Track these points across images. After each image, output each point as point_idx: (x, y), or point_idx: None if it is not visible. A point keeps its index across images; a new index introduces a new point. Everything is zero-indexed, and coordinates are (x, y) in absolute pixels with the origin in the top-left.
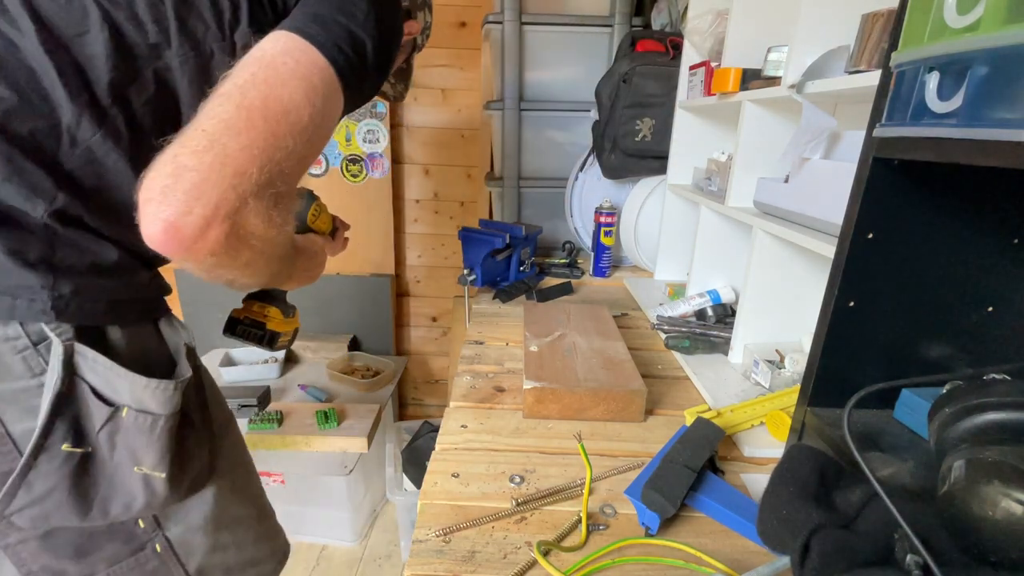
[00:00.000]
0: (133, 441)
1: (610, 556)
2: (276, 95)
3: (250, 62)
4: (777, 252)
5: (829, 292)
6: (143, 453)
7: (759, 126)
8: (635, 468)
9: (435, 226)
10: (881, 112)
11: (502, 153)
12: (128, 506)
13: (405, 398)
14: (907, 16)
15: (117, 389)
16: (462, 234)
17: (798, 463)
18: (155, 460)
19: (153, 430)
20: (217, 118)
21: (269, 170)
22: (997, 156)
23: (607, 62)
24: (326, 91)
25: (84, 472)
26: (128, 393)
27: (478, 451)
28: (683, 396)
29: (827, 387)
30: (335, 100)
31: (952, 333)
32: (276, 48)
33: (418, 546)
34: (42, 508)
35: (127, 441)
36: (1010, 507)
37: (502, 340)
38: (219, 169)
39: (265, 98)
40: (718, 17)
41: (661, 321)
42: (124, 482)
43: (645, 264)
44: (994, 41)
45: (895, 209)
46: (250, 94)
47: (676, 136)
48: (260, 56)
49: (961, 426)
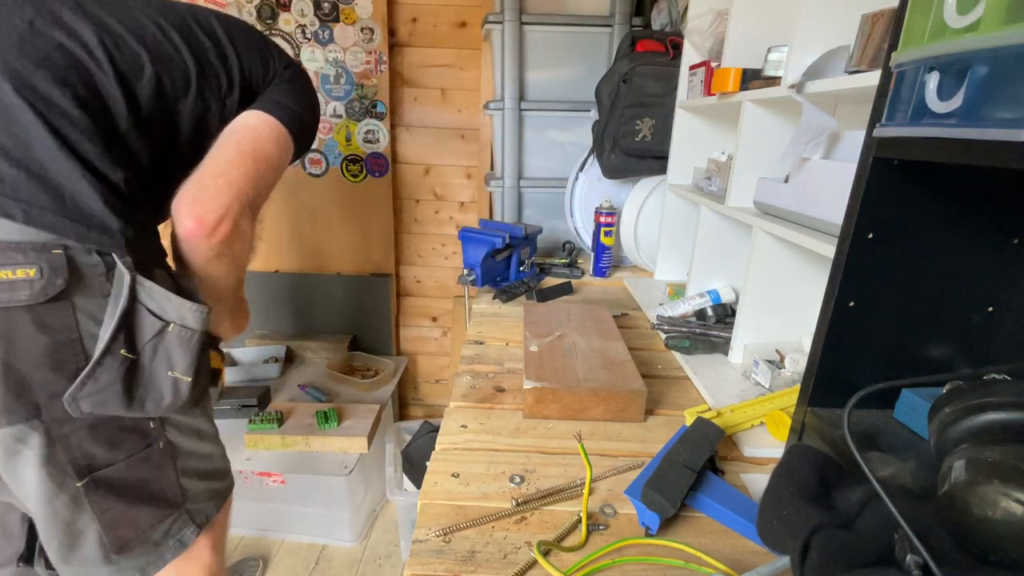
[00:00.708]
0: (172, 350)
1: (610, 556)
2: (261, 147)
3: (240, 127)
4: (777, 252)
5: (829, 292)
6: (177, 359)
7: (759, 126)
8: (635, 468)
9: (435, 226)
10: (881, 112)
11: (502, 153)
12: (158, 403)
13: (405, 398)
14: (907, 16)
15: (166, 310)
16: (462, 234)
17: (798, 463)
18: (186, 366)
19: (190, 342)
20: (224, 158)
21: (255, 191)
22: (997, 156)
23: (607, 62)
24: (286, 147)
25: (132, 373)
26: (175, 313)
27: (478, 451)
28: (683, 396)
29: (827, 387)
30: (289, 152)
31: (952, 333)
32: (256, 120)
33: (418, 546)
34: (102, 396)
35: (167, 350)
36: (1010, 507)
37: (502, 340)
38: (227, 187)
39: (254, 148)
40: (718, 17)
41: (661, 321)
42: (159, 383)
43: (645, 264)
44: (994, 41)
45: (895, 209)
46: (244, 144)
47: (676, 136)
48: (246, 123)
49: (961, 426)
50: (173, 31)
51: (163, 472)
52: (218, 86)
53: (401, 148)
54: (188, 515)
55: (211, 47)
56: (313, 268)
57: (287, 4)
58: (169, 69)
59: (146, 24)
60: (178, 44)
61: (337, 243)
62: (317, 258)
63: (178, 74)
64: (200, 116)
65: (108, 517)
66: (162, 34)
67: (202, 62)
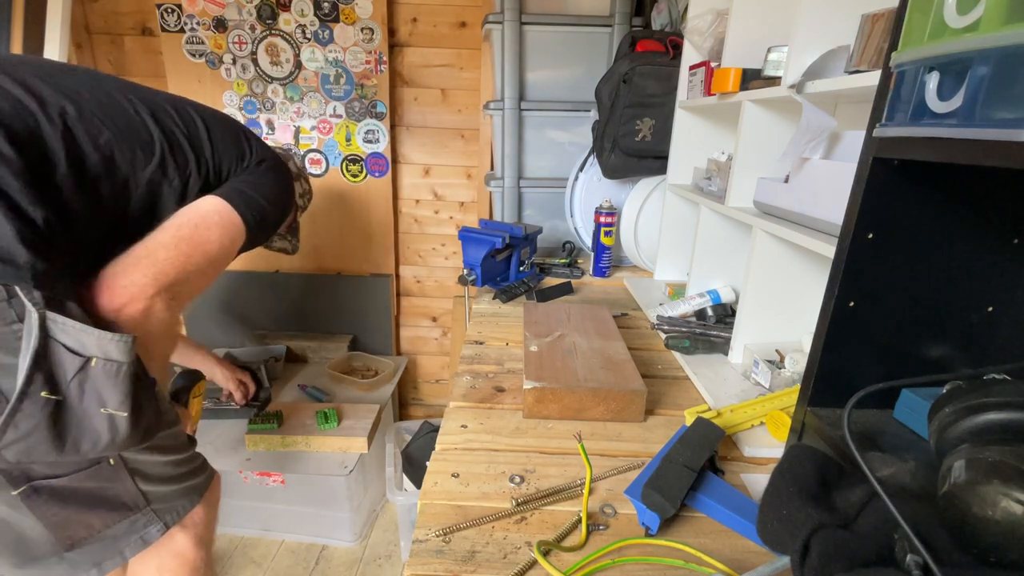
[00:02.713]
0: (101, 386)
1: (610, 556)
2: (201, 234)
3: (191, 210)
4: (777, 252)
5: (829, 292)
6: (108, 395)
7: (759, 126)
8: (635, 468)
9: (435, 226)
10: (881, 112)
11: (502, 153)
12: (95, 443)
13: (405, 398)
14: (907, 16)
15: (85, 344)
16: (462, 234)
17: (798, 463)
18: (119, 401)
19: (118, 375)
20: (157, 240)
21: (180, 277)
22: (997, 156)
23: (607, 62)
24: (234, 236)
25: (59, 415)
26: (96, 346)
27: (478, 451)
28: (683, 396)
29: (827, 387)
30: (238, 242)
31: (952, 333)
32: (209, 206)
33: (418, 546)
34: (27, 444)
35: (95, 386)
36: (1010, 507)
37: (502, 340)
38: (149, 268)
39: (192, 235)
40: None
41: (661, 321)
42: (92, 423)
43: (645, 264)
44: (994, 41)
45: (895, 209)
46: (183, 230)
47: (676, 136)
48: (197, 208)
49: (961, 426)
50: (144, 108)
51: (117, 482)
52: (183, 164)
53: (401, 148)
54: (155, 514)
55: (182, 129)
56: (313, 268)
57: (287, 4)
58: (131, 139)
59: (118, 100)
60: (147, 120)
61: (337, 243)
62: (317, 258)
63: (141, 144)
64: (155, 188)
65: (54, 520)
66: (132, 109)
67: (170, 140)
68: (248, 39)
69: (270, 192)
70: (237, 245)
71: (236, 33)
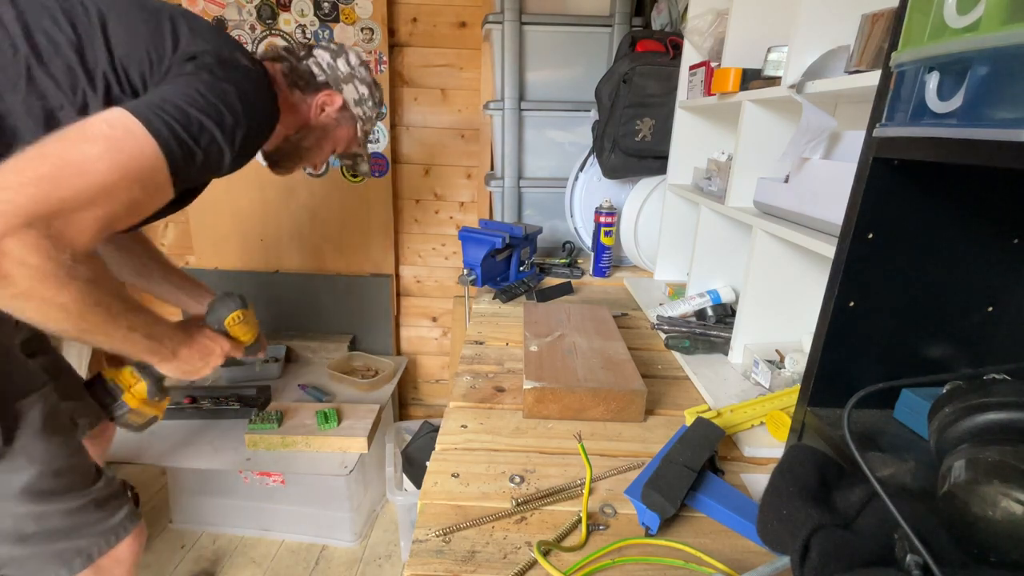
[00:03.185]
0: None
1: (610, 556)
2: (74, 150)
3: (68, 127)
4: (777, 252)
5: (829, 292)
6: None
7: (759, 126)
8: (635, 468)
9: (435, 226)
10: (881, 112)
11: (502, 153)
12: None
13: (405, 398)
14: (907, 16)
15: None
16: (462, 234)
17: (798, 463)
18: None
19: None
20: (6, 165)
21: (44, 209)
22: (997, 156)
23: (607, 62)
24: (135, 153)
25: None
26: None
27: (478, 451)
28: (683, 396)
29: (827, 387)
30: (150, 162)
31: (952, 333)
32: (95, 118)
33: (418, 546)
34: None
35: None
36: (1010, 507)
37: (502, 340)
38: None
39: (61, 152)
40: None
41: (661, 321)
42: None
43: (645, 264)
44: (994, 41)
45: (895, 209)
46: (48, 147)
47: (676, 136)
48: (79, 123)
49: (961, 426)
50: (11, 13)
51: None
52: (71, 83)
53: (401, 148)
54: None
55: (67, 36)
56: (313, 268)
57: (287, 4)
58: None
59: None
60: (12, 30)
61: (337, 243)
62: (317, 258)
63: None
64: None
65: None
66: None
67: (41, 54)
68: (248, 39)
69: (205, 98)
70: (150, 165)
71: (236, 33)
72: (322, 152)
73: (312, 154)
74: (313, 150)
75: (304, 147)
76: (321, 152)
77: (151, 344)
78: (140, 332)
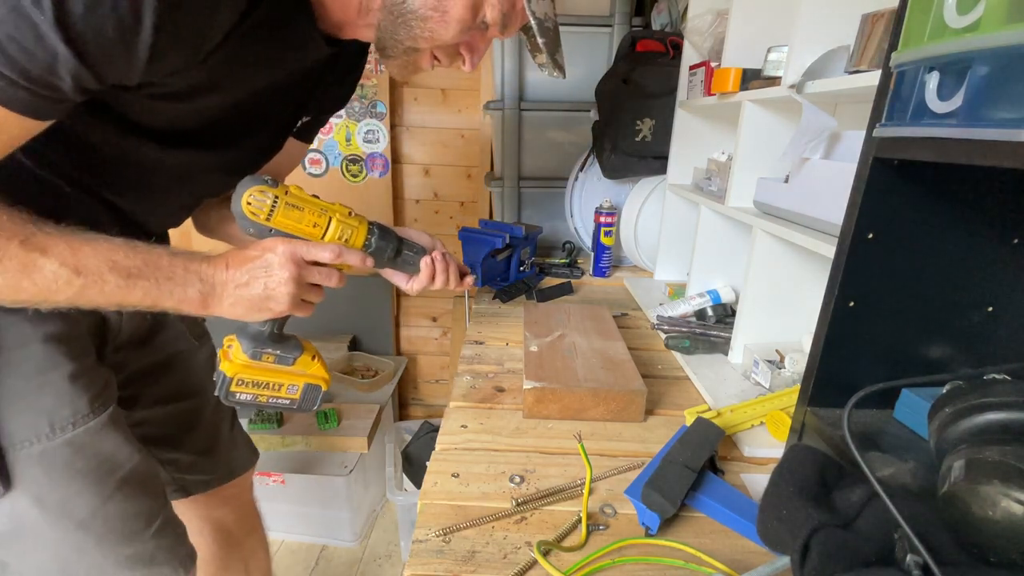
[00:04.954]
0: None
1: (610, 556)
2: None
3: None
4: (777, 252)
5: (829, 292)
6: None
7: (759, 126)
8: (635, 468)
9: (435, 226)
10: (881, 112)
11: (502, 153)
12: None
13: (405, 398)
14: (907, 16)
15: None
16: (462, 234)
17: (798, 463)
18: None
19: None
20: None
21: None
22: (997, 156)
23: (607, 62)
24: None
25: None
26: None
27: (478, 451)
28: (683, 396)
29: (827, 387)
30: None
31: (952, 333)
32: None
33: (418, 546)
34: None
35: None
36: (1010, 507)
37: (502, 340)
38: None
39: None
40: (718, 17)
41: (661, 321)
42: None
43: (645, 264)
44: (994, 41)
45: (895, 209)
46: None
47: (676, 136)
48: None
49: (961, 426)
50: None
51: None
52: None
53: (401, 148)
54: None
55: None
56: None
57: None
58: None
59: None
60: None
61: None
62: None
63: None
64: None
65: None
66: None
67: None
68: None
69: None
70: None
71: None
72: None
73: (426, 20)
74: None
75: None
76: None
77: (164, 286)
78: (120, 276)
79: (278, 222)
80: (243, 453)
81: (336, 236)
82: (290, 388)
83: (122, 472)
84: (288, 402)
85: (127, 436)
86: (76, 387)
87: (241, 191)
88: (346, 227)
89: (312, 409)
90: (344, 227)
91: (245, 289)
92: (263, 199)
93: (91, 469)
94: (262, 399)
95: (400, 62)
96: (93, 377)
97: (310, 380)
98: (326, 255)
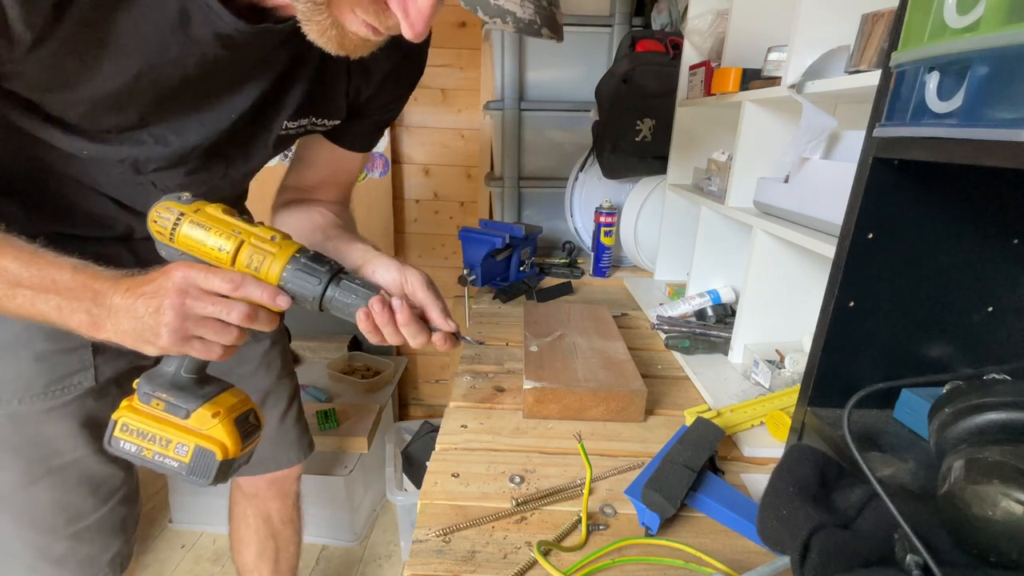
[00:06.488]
0: None
1: (610, 556)
2: None
3: None
4: (777, 252)
5: (829, 292)
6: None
7: (759, 126)
8: (635, 468)
9: (435, 226)
10: (881, 112)
11: (502, 153)
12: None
13: (405, 398)
14: (907, 16)
15: None
16: (462, 234)
17: (798, 463)
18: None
19: None
20: None
21: None
22: (997, 156)
23: (607, 62)
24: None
25: None
26: None
27: (478, 451)
28: (683, 396)
29: (827, 387)
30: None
31: (952, 333)
32: None
33: (418, 546)
34: None
35: None
36: (1010, 507)
37: (502, 340)
38: None
39: None
40: (718, 17)
41: (661, 321)
42: None
43: (645, 264)
44: (994, 41)
45: (895, 209)
46: None
47: (676, 136)
48: None
49: (961, 426)
50: None
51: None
52: None
53: (401, 148)
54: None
55: None
56: None
57: None
58: None
59: None
60: None
61: None
62: None
63: None
64: None
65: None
66: None
67: None
68: None
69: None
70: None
71: None
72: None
73: None
74: None
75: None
76: None
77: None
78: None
79: (180, 242)
80: (289, 449)
81: (245, 264)
82: (179, 447)
83: (58, 461)
84: (176, 464)
85: (85, 432)
86: (38, 367)
87: (151, 208)
88: (258, 253)
89: (207, 482)
90: (255, 253)
91: (128, 316)
92: (168, 216)
93: (24, 447)
94: (147, 454)
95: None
96: (61, 362)
97: (202, 443)
98: (221, 284)
